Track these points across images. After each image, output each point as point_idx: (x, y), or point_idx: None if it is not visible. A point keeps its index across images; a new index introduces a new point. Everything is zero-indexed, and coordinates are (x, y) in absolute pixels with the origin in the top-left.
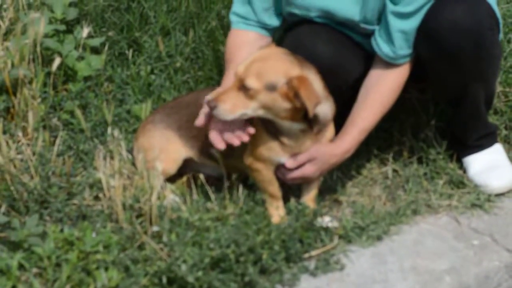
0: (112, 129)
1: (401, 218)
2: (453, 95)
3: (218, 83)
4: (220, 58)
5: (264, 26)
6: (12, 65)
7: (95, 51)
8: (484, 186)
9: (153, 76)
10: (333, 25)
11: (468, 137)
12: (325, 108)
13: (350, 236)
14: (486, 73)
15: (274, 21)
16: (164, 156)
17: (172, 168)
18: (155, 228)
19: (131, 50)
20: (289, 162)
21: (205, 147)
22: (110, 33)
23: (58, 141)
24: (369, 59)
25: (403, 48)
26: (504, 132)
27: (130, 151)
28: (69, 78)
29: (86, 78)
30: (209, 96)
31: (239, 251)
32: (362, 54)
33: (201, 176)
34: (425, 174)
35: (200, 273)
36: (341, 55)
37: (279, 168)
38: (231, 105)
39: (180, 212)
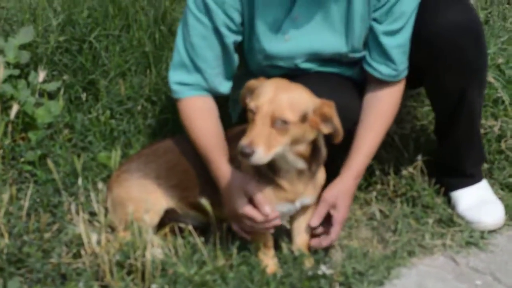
0: (82, 180)
1: (398, 261)
2: (451, 103)
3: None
4: None
5: (214, 94)
6: None
7: (49, 96)
8: (477, 223)
9: (113, 121)
10: (317, 67)
11: (461, 163)
12: (323, 146)
13: (351, 282)
14: (482, 73)
15: (226, 88)
16: (144, 207)
17: (154, 220)
18: (154, 286)
19: (85, 94)
20: (312, 222)
21: (191, 197)
22: (65, 77)
23: (28, 196)
24: (362, 88)
25: (403, 62)
26: (485, 165)
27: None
28: (27, 126)
29: (46, 126)
30: (243, 142)
31: None
32: (356, 87)
33: (190, 227)
34: (411, 213)
35: None
36: (344, 96)
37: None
38: (267, 146)
39: (175, 267)
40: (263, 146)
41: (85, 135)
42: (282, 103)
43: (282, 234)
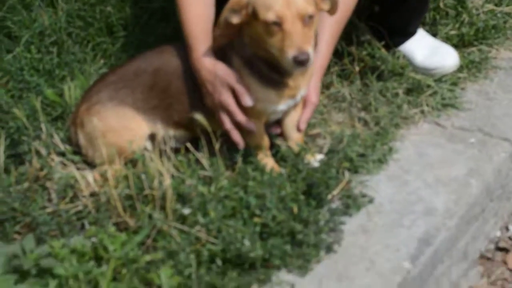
0: (49, 123)
1: (389, 136)
2: None
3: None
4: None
5: None
6: None
7: None
8: (441, 67)
9: (37, 55)
10: None
11: (408, 25)
12: None
13: (357, 166)
14: None
15: None
16: (129, 135)
17: (141, 146)
18: (187, 211)
19: None
20: (302, 125)
21: (175, 115)
22: None
23: (2, 149)
24: None
25: None
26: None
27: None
28: None
29: None
30: (293, 53)
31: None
32: None
33: (188, 144)
34: (380, 88)
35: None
36: None
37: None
38: (310, 46)
39: (196, 188)
40: (311, 47)
41: (20, 75)
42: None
43: None
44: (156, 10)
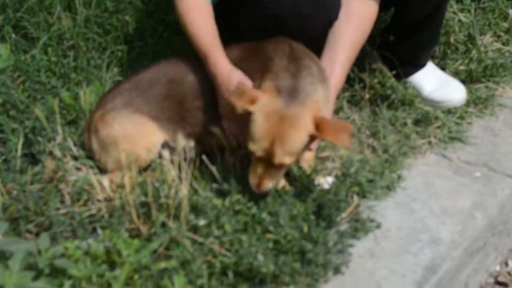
0: (63, 126)
1: (398, 165)
2: (426, 13)
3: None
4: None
5: None
6: None
7: None
8: (448, 101)
9: (54, 57)
10: None
11: (419, 57)
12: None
13: (365, 191)
14: None
15: None
16: (142, 143)
17: (154, 154)
18: (202, 222)
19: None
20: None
21: (188, 127)
22: None
23: (20, 146)
24: None
25: None
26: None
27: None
28: None
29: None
30: (253, 185)
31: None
32: None
33: (204, 156)
34: (389, 118)
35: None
36: None
37: None
38: (273, 181)
39: (206, 200)
40: (269, 183)
41: (38, 77)
42: (279, 153)
43: None
44: (172, 22)
